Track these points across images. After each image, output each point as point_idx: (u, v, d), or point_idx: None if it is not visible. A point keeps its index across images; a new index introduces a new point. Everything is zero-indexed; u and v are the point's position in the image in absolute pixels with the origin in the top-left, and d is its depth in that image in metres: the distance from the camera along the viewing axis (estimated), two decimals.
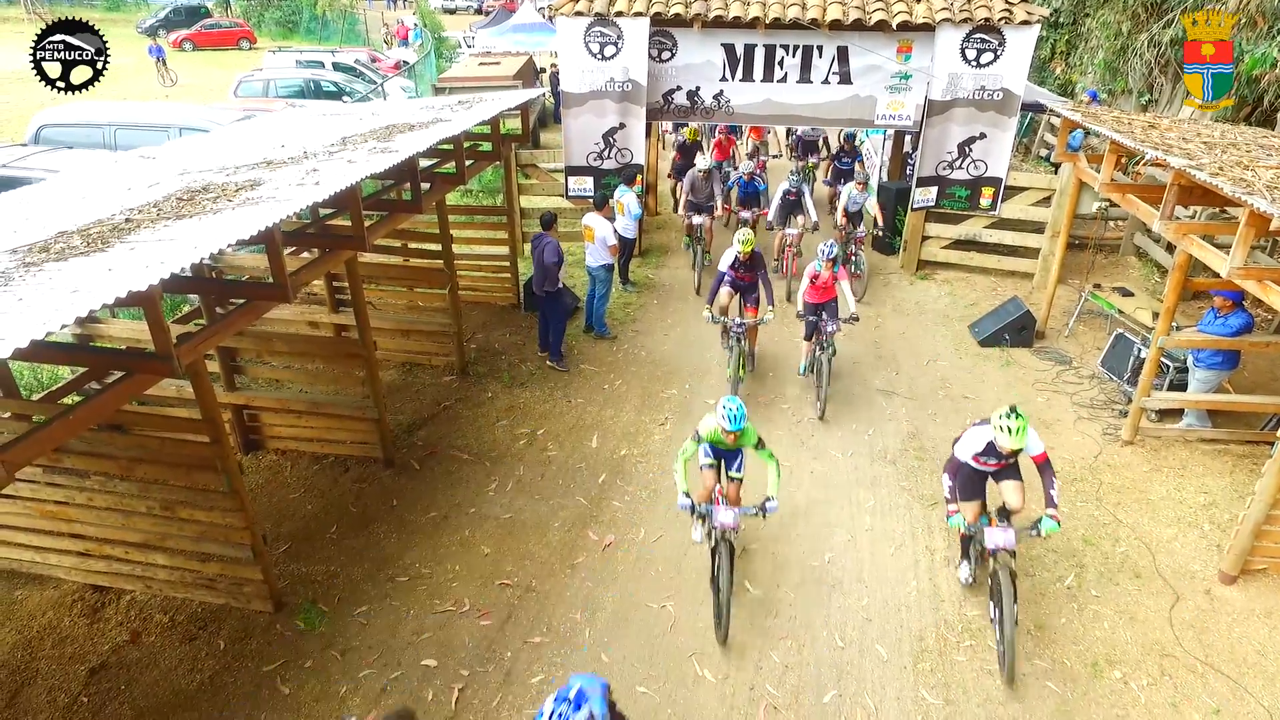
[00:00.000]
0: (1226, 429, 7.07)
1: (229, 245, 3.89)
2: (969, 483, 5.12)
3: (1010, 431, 4.57)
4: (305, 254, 7.10)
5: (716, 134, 13.71)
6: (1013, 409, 4.65)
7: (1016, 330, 8.76)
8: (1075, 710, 4.63)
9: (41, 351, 4.16)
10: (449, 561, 5.74)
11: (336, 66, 20.04)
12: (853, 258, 10.07)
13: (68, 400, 6.02)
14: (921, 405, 7.71)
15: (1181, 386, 7.24)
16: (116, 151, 10.91)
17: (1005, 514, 5.08)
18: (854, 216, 10.18)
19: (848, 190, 10.19)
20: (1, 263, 4.00)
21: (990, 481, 5.16)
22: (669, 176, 13.04)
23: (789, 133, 15.46)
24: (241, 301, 4.90)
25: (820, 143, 13.91)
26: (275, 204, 4.60)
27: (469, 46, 25.20)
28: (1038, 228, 10.07)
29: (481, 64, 17.30)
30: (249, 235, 4.03)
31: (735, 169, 12.07)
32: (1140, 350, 7.52)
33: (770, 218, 10.13)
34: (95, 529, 5.13)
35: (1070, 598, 5.43)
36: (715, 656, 4.97)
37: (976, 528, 5.00)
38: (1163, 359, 7.21)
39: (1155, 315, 7.87)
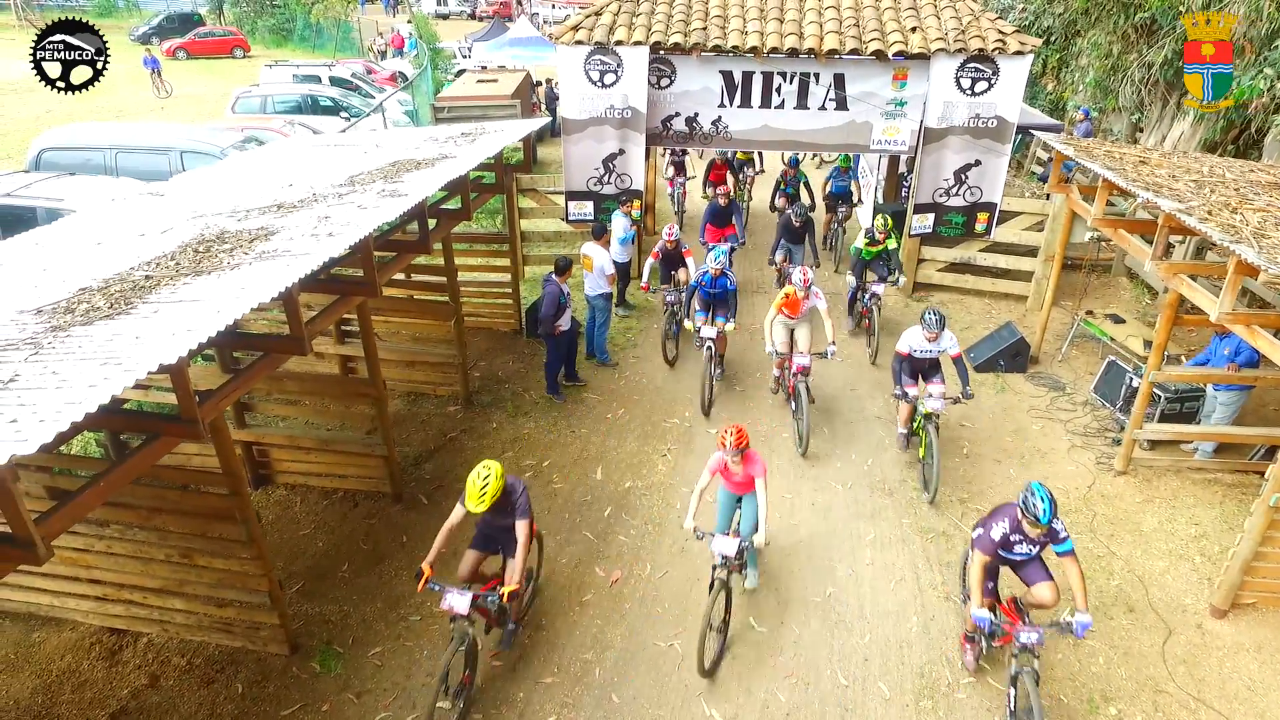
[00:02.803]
0: (1217, 459, 7.25)
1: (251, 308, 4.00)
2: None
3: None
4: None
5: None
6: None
7: (1011, 356, 8.92)
8: None
9: None
10: None
11: (333, 81, 20.10)
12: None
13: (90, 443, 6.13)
14: None
15: (1173, 416, 7.41)
16: (119, 178, 10.99)
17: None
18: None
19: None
20: (29, 325, 4.10)
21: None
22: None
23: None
24: (259, 355, 4.99)
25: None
26: (293, 259, 4.71)
27: (465, 57, 25.29)
28: (1031, 251, 10.25)
29: (479, 81, 17.41)
30: (270, 298, 4.15)
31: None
32: (1132, 379, 7.69)
33: None
34: (114, 575, 5.23)
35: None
36: (723, 695, 5.10)
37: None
38: (1154, 389, 7.37)
39: (1146, 344, 8.04)
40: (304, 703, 5.01)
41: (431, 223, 7.15)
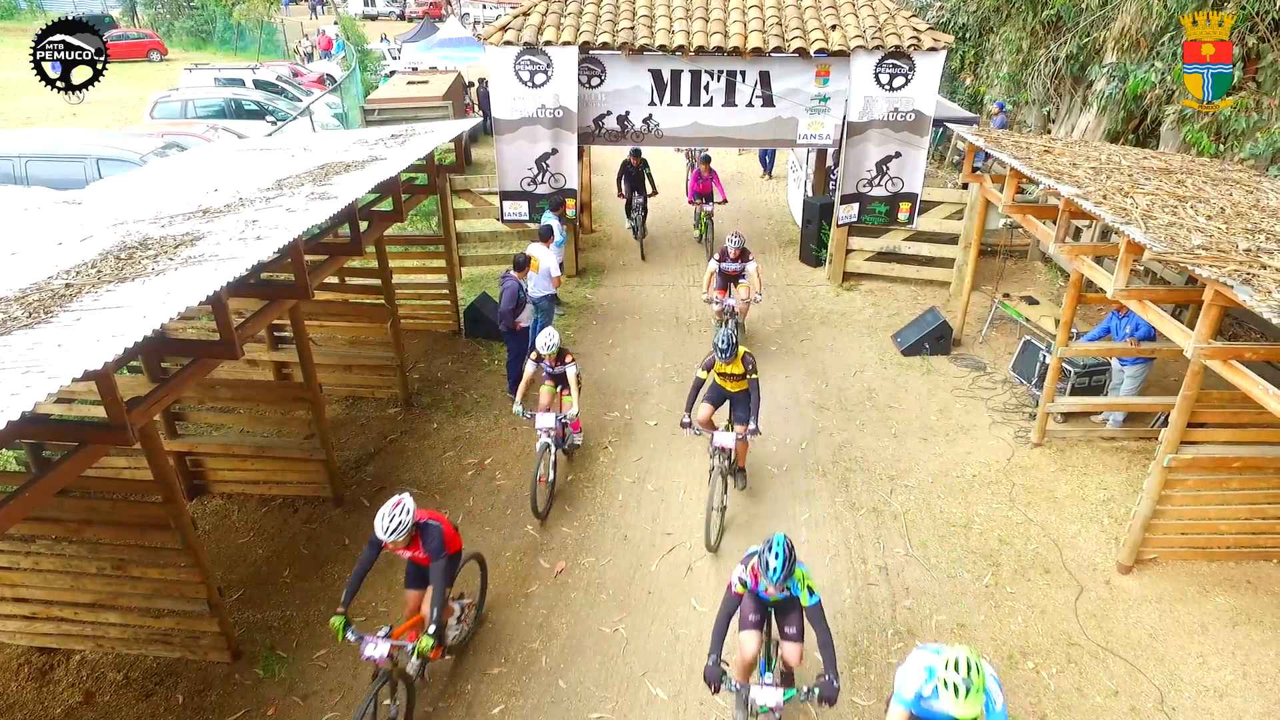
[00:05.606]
0: (1125, 428, 7.74)
1: (179, 313, 3.98)
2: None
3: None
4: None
5: None
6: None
7: (935, 339, 9.33)
8: None
9: None
10: None
11: (258, 84, 19.59)
12: None
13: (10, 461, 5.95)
14: (850, 416, 8.16)
15: (1083, 390, 7.88)
16: (30, 187, 10.57)
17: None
18: None
19: None
20: None
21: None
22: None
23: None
24: (189, 361, 4.93)
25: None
26: (220, 263, 4.68)
27: (394, 58, 24.93)
28: (952, 239, 10.71)
29: (410, 83, 17.22)
30: (198, 301, 4.13)
31: None
32: (1045, 356, 8.13)
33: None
34: (42, 592, 5.10)
35: (988, 595, 5.92)
36: (666, 675, 5.26)
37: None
38: (1064, 365, 7.83)
39: (1058, 322, 8.51)
40: (248, 709, 4.98)
41: (363, 225, 7.12)
